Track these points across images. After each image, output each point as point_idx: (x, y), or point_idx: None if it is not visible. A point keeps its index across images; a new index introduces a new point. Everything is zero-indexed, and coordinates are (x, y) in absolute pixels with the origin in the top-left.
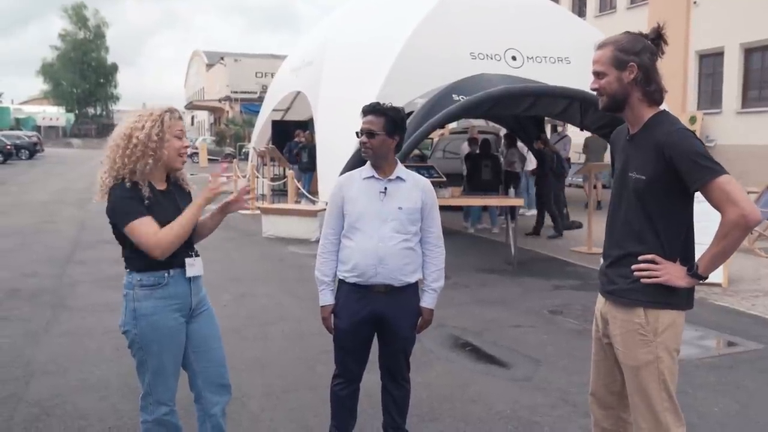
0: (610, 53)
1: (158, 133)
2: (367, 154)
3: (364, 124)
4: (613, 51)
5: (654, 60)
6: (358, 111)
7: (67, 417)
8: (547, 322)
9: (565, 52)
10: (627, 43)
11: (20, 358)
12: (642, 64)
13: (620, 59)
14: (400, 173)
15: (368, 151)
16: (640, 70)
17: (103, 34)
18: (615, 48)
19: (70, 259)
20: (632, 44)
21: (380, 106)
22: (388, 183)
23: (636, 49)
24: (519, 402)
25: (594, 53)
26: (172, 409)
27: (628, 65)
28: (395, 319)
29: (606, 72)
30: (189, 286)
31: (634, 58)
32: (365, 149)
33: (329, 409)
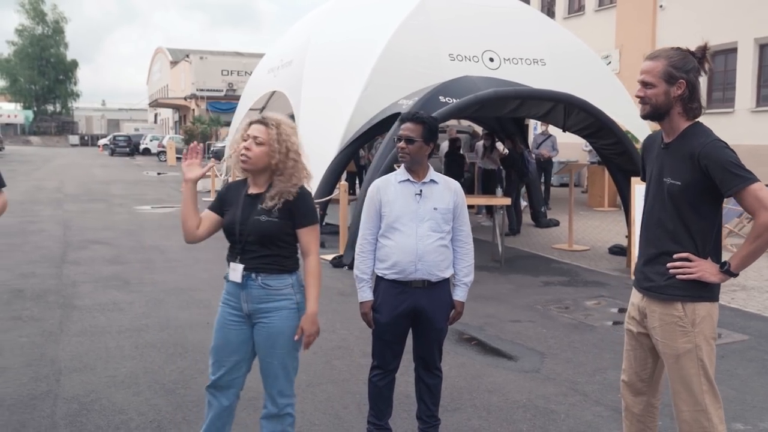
0: (662, 67)
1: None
2: (405, 159)
3: (403, 131)
4: (666, 66)
5: (698, 78)
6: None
7: (106, 412)
8: (544, 317)
9: (541, 54)
10: (679, 60)
11: (44, 357)
12: (690, 82)
13: (671, 74)
14: (433, 176)
15: (406, 156)
16: (687, 87)
17: (62, 29)
18: (668, 63)
19: (63, 259)
20: (684, 62)
21: (419, 115)
22: (422, 186)
23: (687, 67)
24: (533, 392)
25: (644, 63)
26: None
27: (678, 81)
28: (432, 312)
29: (655, 84)
30: (238, 289)
31: (684, 75)
32: (403, 154)
33: (355, 401)
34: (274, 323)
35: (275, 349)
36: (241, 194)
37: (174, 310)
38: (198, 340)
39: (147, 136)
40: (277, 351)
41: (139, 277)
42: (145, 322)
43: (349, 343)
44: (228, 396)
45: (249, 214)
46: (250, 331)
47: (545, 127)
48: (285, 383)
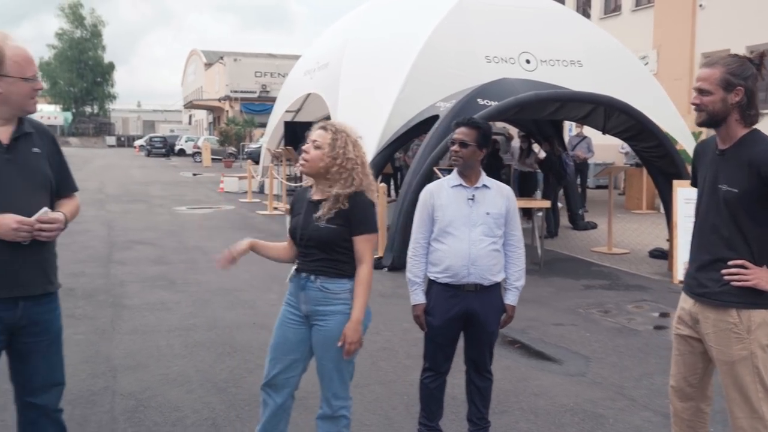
0: (719, 74)
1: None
2: (458, 163)
3: (458, 135)
4: (724, 73)
5: (756, 85)
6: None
7: (163, 409)
8: (586, 320)
9: (577, 55)
10: (737, 67)
11: (99, 354)
12: (748, 89)
13: (729, 82)
14: (485, 181)
15: (459, 159)
16: (745, 94)
17: (100, 32)
18: (726, 70)
19: (110, 259)
20: (742, 69)
21: (474, 121)
22: (475, 191)
23: (745, 75)
24: (580, 396)
25: (701, 71)
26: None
27: (736, 88)
28: (484, 315)
29: (712, 91)
30: (298, 289)
31: (742, 83)
32: (456, 158)
33: (403, 402)
34: (330, 326)
35: (330, 352)
36: (305, 199)
37: (220, 311)
38: (245, 340)
39: (182, 137)
40: (331, 354)
41: (183, 278)
42: (192, 321)
43: (393, 345)
44: (282, 395)
45: (309, 220)
46: (307, 331)
47: (580, 129)
48: (339, 386)
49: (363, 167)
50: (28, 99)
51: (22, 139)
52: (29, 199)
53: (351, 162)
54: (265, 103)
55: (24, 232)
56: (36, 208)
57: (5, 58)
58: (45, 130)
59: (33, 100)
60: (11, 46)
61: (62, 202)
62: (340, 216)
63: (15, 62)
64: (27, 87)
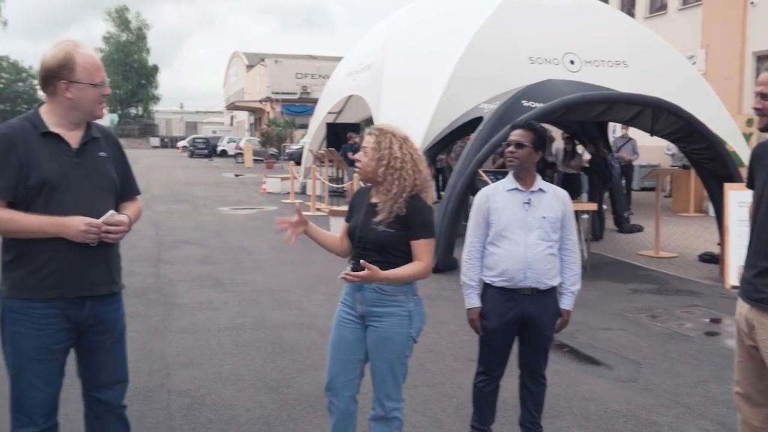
0: None
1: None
2: (513, 164)
3: (513, 136)
4: None
5: None
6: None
7: (217, 407)
8: (635, 325)
9: (623, 55)
10: None
11: (153, 352)
12: None
13: None
14: (541, 185)
15: (514, 161)
16: None
17: (145, 35)
18: None
19: (158, 258)
20: None
21: (531, 123)
22: (531, 194)
23: None
24: (632, 402)
25: (763, 75)
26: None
27: None
28: (540, 319)
29: None
30: (354, 290)
31: None
32: (512, 158)
33: (453, 404)
34: (384, 328)
35: (384, 353)
36: (365, 201)
37: (268, 311)
38: (294, 341)
39: (224, 139)
40: (385, 355)
41: (230, 277)
42: (241, 321)
43: (440, 347)
44: (344, 399)
45: (368, 222)
46: (363, 331)
47: (626, 131)
48: (392, 387)
49: (414, 164)
50: (96, 104)
51: (90, 144)
52: (96, 202)
53: (398, 161)
54: (305, 105)
55: (92, 234)
56: (103, 211)
57: (76, 65)
58: (111, 135)
59: (101, 105)
60: (82, 54)
61: (126, 205)
62: (398, 221)
63: (85, 69)
64: (95, 93)
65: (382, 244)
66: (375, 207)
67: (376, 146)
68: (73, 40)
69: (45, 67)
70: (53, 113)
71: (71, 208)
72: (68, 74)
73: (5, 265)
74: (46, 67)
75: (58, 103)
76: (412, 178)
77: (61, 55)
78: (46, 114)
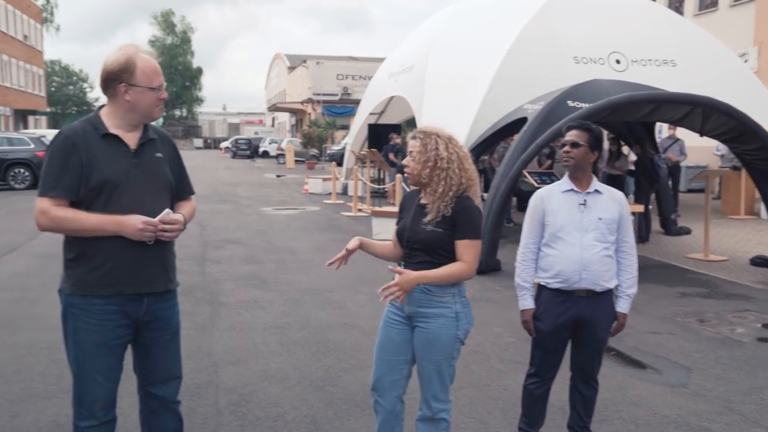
0: None
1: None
2: (568, 164)
3: (569, 137)
4: None
5: None
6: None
7: (263, 404)
8: (685, 330)
9: (671, 54)
10: None
11: (201, 349)
12: None
13: None
14: (597, 186)
15: (570, 160)
16: None
17: (189, 39)
18: None
19: (204, 257)
20: None
21: (586, 123)
22: (587, 195)
23: None
24: (683, 408)
25: None
26: (373, 385)
27: None
28: (595, 321)
29: None
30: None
31: None
32: (567, 158)
33: (498, 406)
34: (432, 329)
35: (431, 354)
36: (414, 202)
37: (312, 310)
38: (338, 340)
39: (266, 140)
40: (432, 356)
41: (274, 277)
42: (286, 320)
43: (485, 349)
44: (390, 400)
45: (417, 223)
46: (411, 332)
47: (673, 131)
48: (439, 388)
49: (460, 162)
50: (153, 107)
51: (148, 145)
52: (153, 201)
53: (444, 161)
54: (346, 106)
55: (149, 232)
56: (159, 210)
57: (136, 68)
58: (166, 137)
59: (158, 108)
60: (142, 58)
61: (180, 204)
62: (446, 221)
63: (144, 73)
64: (153, 96)
65: (429, 244)
66: (424, 208)
67: (422, 149)
68: (134, 45)
69: (107, 70)
70: (113, 115)
71: (129, 208)
72: (128, 77)
73: (67, 262)
74: (108, 70)
75: (117, 106)
76: (459, 176)
77: (123, 59)
78: (106, 116)
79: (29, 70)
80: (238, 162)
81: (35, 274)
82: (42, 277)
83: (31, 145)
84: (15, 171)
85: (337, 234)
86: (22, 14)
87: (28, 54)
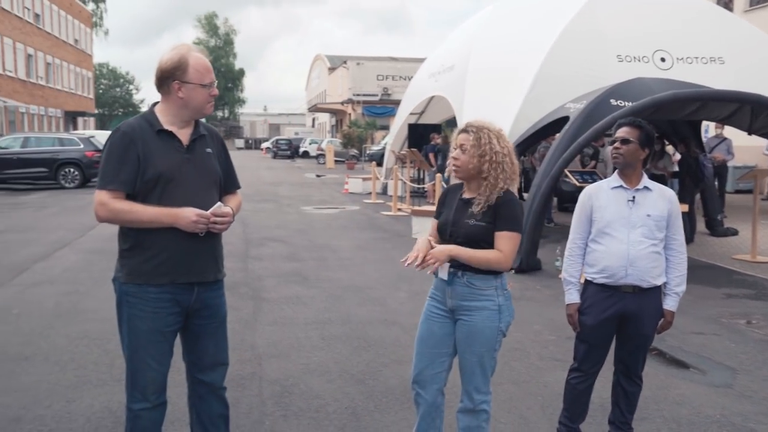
0: None
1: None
2: (618, 161)
3: (619, 134)
4: None
5: None
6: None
7: (306, 396)
8: (730, 330)
9: (718, 51)
10: None
11: (244, 342)
12: None
13: None
14: (647, 183)
15: (620, 157)
16: None
17: (232, 41)
18: None
19: (247, 254)
20: None
21: (637, 120)
22: (636, 192)
23: None
24: (727, 408)
25: None
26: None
27: None
28: (640, 317)
29: None
30: (444, 284)
31: None
32: (617, 155)
33: (538, 402)
34: (475, 321)
35: (473, 347)
36: (456, 197)
37: (353, 307)
38: (378, 336)
39: (306, 140)
40: (475, 348)
41: (315, 274)
42: (327, 316)
43: (524, 346)
44: (431, 392)
45: (460, 217)
46: (452, 325)
47: (721, 130)
48: (481, 380)
49: (511, 156)
50: (205, 104)
51: (198, 141)
52: (204, 195)
53: (500, 155)
54: (386, 106)
55: (202, 224)
56: (210, 203)
57: (188, 66)
58: (216, 133)
59: (209, 105)
60: (194, 56)
61: (228, 198)
62: (488, 214)
63: (196, 70)
64: (205, 93)
65: (472, 237)
66: (467, 202)
67: (475, 143)
68: (187, 44)
69: (161, 68)
70: (166, 112)
71: (182, 200)
72: (181, 75)
73: (122, 252)
74: (162, 68)
75: (171, 102)
76: (512, 170)
77: (176, 58)
78: (160, 113)
79: (79, 73)
80: (278, 162)
81: (85, 269)
82: (91, 272)
83: (80, 145)
84: (65, 170)
85: (377, 233)
86: (73, 19)
87: (79, 57)
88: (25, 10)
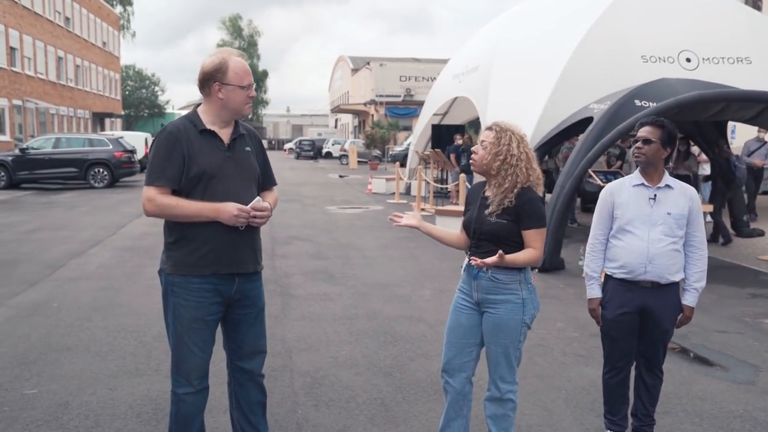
0: None
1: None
2: (640, 160)
3: (641, 133)
4: None
5: None
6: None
7: (336, 387)
8: (754, 330)
9: (745, 52)
10: None
11: (275, 336)
12: None
13: None
14: (668, 181)
15: (641, 156)
16: None
17: (256, 42)
18: None
19: (274, 253)
20: None
21: (659, 120)
22: (657, 190)
23: None
24: (750, 404)
25: None
26: (443, 367)
27: None
28: (659, 312)
29: None
30: (470, 278)
31: None
32: (638, 154)
33: (562, 396)
34: (500, 314)
35: (498, 338)
36: (479, 195)
37: (379, 304)
38: (404, 332)
39: (329, 141)
40: (500, 340)
41: (341, 272)
42: (354, 312)
43: (548, 342)
44: (459, 380)
45: (482, 215)
46: (479, 317)
47: (763, 134)
48: (506, 370)
49: (528, 162)
50: (243, 105)
51: (239, 140)
52: (244, 191)
53: (514, 158)
54: (409, 107)
55: (242, 218)
56: (249, 198)
57: (228, 69)
58: (254, 133)
59: (248, 105)
60: (234, 60)
61: (265, 194)
62: (508, 212)
63: (235, 73)
64: (243, 94)
65: (495, 234)
66: (487, 200)
67: (495, 141)
68: (228, 49)
69: (203, 71)
70: (208, 112)
71: (224, 196)
72: (221, 77)
73: (168, 245)
74: (204, 71)
75: (212, 103)
76: (526, 174)
77: (217, 61)
78: (203, 113)
79: (107, 75)
80: (301, 163)
81: (118, 265)
82: (124, 268)
83: (109, 146)
84: (95, 170)
85: (401, 232)
86: (102, 22)
87: (106, 59)
88: (56, 14)
